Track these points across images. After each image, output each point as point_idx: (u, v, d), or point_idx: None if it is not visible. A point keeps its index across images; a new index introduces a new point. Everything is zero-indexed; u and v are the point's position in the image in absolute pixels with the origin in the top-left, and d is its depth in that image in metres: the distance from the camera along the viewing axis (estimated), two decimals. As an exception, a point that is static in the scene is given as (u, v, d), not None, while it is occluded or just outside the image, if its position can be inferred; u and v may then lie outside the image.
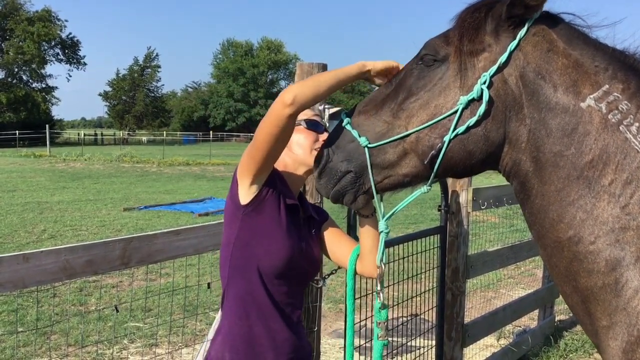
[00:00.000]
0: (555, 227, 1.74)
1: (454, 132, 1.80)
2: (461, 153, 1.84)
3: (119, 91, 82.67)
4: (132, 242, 2.68)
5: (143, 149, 47.97)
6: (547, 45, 1.77)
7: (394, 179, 1.93)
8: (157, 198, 17.50)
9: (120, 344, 5.99)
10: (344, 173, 1.95)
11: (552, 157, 1.73)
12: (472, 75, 1.80)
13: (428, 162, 1.86)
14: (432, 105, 1.84)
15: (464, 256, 4.60)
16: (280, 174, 2.34)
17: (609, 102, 1.69)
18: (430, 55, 1.86)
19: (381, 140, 1.89)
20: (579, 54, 1.75)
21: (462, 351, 4.76)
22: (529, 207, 1.83)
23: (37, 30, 64.99)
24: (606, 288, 1.65)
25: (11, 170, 26.63)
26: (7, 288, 2.28)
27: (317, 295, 3.27)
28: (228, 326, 2.30)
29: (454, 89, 1.82)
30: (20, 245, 10.39)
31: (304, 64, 3.14)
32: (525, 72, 1.77)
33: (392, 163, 1.90)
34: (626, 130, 1.67)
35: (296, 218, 2.34)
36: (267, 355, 2.26)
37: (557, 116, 1.73)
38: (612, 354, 1.66)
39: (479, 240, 8.35)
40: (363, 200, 1.98)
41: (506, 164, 1.86)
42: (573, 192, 1.70)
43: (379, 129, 1.91)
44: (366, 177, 1.93)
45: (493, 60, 1.79)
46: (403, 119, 1.87)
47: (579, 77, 1.73)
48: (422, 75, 1.88)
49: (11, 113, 63.64)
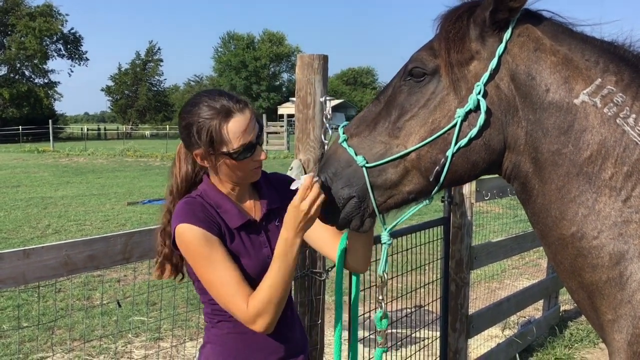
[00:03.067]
0: (558, 224, 1.73)
1: (457, 146, 1.77)
2: (465, 165, 1.81)
3: (122, 86, 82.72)
4: (133, 236, 2.67)
5: (146, 143, 48.00)
6: (533, 45, 1.73)
7: (399, 197, 1.90)
8: (160, 192, 17.48)
9: (125, 338, 6.00)
10: (347, 199, 1.90)
11: (550, 156, 1.71)
12: (465, 86, 1.76)
13: (433, 178, 1.82)
14: (429, 121, 1.79)
15: (467, 247, 4.59)
16: (218, 200, 2.22)
17: (603, 96, 1.66)
18: (419, 68, 1.82)
19: (380, 160, 1.84)
20: (567, 49, 1.72)
21: (467, 342, 4.76)
22: (531, 206, 1.82)
23: (39, 25, 64.91)
24: (611, 282, 1.64)
25: (15, 165, 26.69)
26: (8, 284, 2.28)
27: (320, 288, 3.26)
28: (214, 335, 2.28)
29: (449, 102, 1.78)
30: (24, 240, 10.41)
31: (305, 55, 3.12)
32: (516, 74, 1.73)
33: (395, 182, 1.86)
34: (623, 122, 1.64)
35: (253, 228, 2.25)
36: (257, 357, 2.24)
37: (552, 115, 1.70)
38: (617, 347, 1.64)
39: (483, 231, 8.33)
40: (369, 223, 1.95)
41: (506, 168, 1.84)
42: (574, 189, 1.69)
43: (376, 150, 1.86)
44: (370, 199, 1.88)
45: (483, 67, 1.75)
46: (401, 138, 1.83)
47: (569, 74, 1.70)
48: (414, 91, 1.83)
49: (14, 109, 63.67)
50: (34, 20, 65.31)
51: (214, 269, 2.07)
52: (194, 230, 2.09)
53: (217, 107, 2.09)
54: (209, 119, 2.08)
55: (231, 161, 2.12)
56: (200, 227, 2.10)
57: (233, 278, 2.07)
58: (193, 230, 2.09)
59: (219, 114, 2.08)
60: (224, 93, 2.16)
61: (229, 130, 2.08)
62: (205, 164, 2.19)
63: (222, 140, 2.08)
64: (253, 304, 2.04)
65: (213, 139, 2.08)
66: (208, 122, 2.07)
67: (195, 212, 2.14)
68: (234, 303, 2.06)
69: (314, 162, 3.11)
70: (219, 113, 2.08)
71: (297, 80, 3.14)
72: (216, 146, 2.09)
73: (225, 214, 2.20)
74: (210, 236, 2.10)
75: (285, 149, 33.92)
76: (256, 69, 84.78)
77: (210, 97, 2.13)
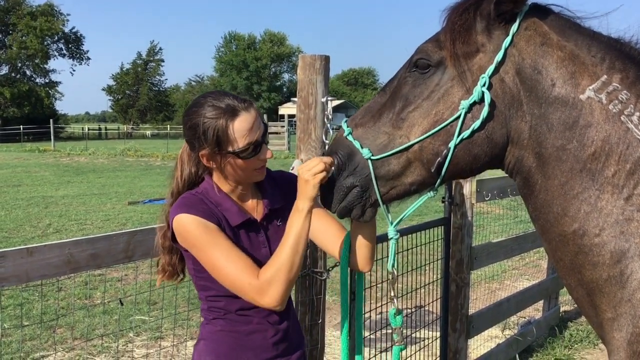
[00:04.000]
0: (560, 220, 1.73)
1: (459, 138, 1.77)
2: (467, 158, 1.81)
3: (123, 85, 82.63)
4: (135, 235, 2.68)
5: (147, 142, 47.99)
6: (540, 39, 1.74)
7: (401, 188, 1.91)
8: (161, 192, 17.47)
9: (126, 337, 6.01)
10: (349, 188, 1.92)
11: (554, 151, 1.71)
12: (470, 78, 1.77)
13: (435, 169, 1.83)
14: (433, 113, 1.81)
15: (468, 248, 4.59)
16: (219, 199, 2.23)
17: (609, 93, 1.67)
18: (424, 59, 1.83)
19: (384, 152, 1.86)
20: (574, 44, 1.72)
21: (467, 342, 4.77)
22: (533, 202, 1.82)
23: (40, 24, 64.89)
24: (611, 280, 1.64)
25: (16, 165, 26.70)
26: (11, 282, 2.29)
27: (321, 288, 3.27)
28: (208, 332, 2.29)
29: (453, 94, 1.79)
30: (25, 239, 10.42)
31: (307, 55, 3.13)
32: (522, 68, 1.74)
33: (397, 173, 1.88)
34: (627, 120, 1.65)
35: (253, 227, 2.26)
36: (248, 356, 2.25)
37: (557, 110, 1.70)
38: (616, 346, 1.65)
39: (483, 231, 8.33)
40: (370, 213, 1.96)
41: (509, 162, 1.84)
42: (577, 185, 1.69)
43: (380, 141, 1.88)
44: (372, 189, 1.90)
45: (489, 60, 1.76)
46: (404, 129, 1.84)
47: (576, 69, 1.70)
48: (418, 83, 1.84)
49: (15, 108, 63.66)
50: (35, 19, 65.29)
51: (217, 250, 2.07)
52: (192, 218, 2.10)
53: (222, 106, 2.10)
54: (215, 118, 2.09)
55: (237, 160, 2.14)
56: (198, 215, 2.11)
57: (240, 256, 2.08)
58: (191, 219, 2.10)
59: (224, 114, 2.09)
60: (227, 93, 2.17)
61: (235, 129, 2.09)
62: (211, 164, 2.20)
63: (228, 140, 2.09)
64: (264, 274, 2.04)
65: (220, 139, 2.09)
66: (214, 121, 2.09)
67: (193, 204, 2.15)
68: (242, 279, 2.04)
69: (315, 162, 3.11)
70: (224, 112, 2.09)
71: (299, 81, 3.15)
72: (223, 145, 2.10)
73: (226, 212, 2.21)
74: (209, 223, 2.11)
75: (286, 149, 33.92)
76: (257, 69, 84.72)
77: (214, 97, 2.14)
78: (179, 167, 2.31)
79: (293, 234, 2.04)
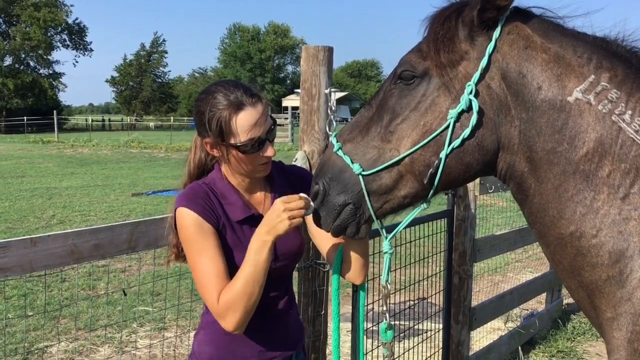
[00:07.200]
0: (556, 224, 1.71)
1: (450, 147, 1.75)
2: (459, 167, 1.79)
3: (126, 77, 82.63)
4: (139, 226, 2.68)
5: (150, 134, 48.03)
6: (523, 42, 1.71)
7: (394, 202, 1.88)
8: (164, 183, 17.53)
9: (130, 328, 6.04)
10: (342, 206, 1.89)
11: (545, 155, 1.69)
12: (456, 86, 1.74)
13: (427, 181, 1.80)
14: (421, 124, 1.78)
15: (471, 240, 4.59)
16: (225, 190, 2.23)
17: (598, 93, 1.64)
18: (408, 71, 1.80)
19: (375, 167, 1.83)
20: (558, 46, 1.70)
21: (470, 334, 4.77)
22: (528, 206, 1.80)
23: (43, 15, 64.90)
24: (610, 280, 1.63)
25: (20, 156, 26.77)
26: (15, 272, 2.29)
27: (323, 279, 3.28)
28: (208, 321, 2.29)
29: (440, 103, 1.77)
30: (29, 230, 10.46)
31: (310, 47, 3.12)
32: (507, 73, 1.71)
33: (390, 187, 1.85)
34: (619, 119, 1.62)
35: (257, 222, 2.21)
36: (245, 350, 2.25)
37: (545, 113, 1.68)
38: (616, 345, 1.63)
39: (487, 224, 8.33)
40: (365, 229, 1.93)
41: (501, 168, 1.82)
42: (571, 188, 1.67)
43: (370, 156, 1.85)
44: (365, 205, 1.87)
45: (474, 67, 1.73)
46: (393, 142, 1.81)
47: (562, 71, 1.67)
48: (404, 94, 1.82)
49: (19, 99, 63.77)
50: (38, 10, 65.28)
51: (200, 256, 2.10)
52: (191, 215, 2.12)
53: (230, 98, 2.09)
54: (220, 109, 2.09)
55: (239, 153, 2.13)
56: (198, 213, 2.13)
57: (214, 270, 2.08)
58: (189, 215, 2.12)
59: (230, 106, 2.08)
60: (240, 85, 2.15)
61: (238, 122, 2.08)
62: (214, 152, 2.21)
63: (230, 132, 2.09)
64: (223, 297, 2.05)
65: (222, 130, 2.09)
66: (219, 112, 2.09)
67: (197, 198, 2.16)
68: (208, 295, 2.07)
69: (318, 153, 3.11)
70: (230, 104, 2.09)
71: (302, 72, 3.14)
72: (225, 137, 2.11)
73: (229, 205, 2.21)
74: (205, 224, 2.12)
75: (290, 141, 33.91)
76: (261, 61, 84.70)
77: (226, 87, 2.13)
78: (193, 150, 2.35)
79: (253, 263, 2.03)
